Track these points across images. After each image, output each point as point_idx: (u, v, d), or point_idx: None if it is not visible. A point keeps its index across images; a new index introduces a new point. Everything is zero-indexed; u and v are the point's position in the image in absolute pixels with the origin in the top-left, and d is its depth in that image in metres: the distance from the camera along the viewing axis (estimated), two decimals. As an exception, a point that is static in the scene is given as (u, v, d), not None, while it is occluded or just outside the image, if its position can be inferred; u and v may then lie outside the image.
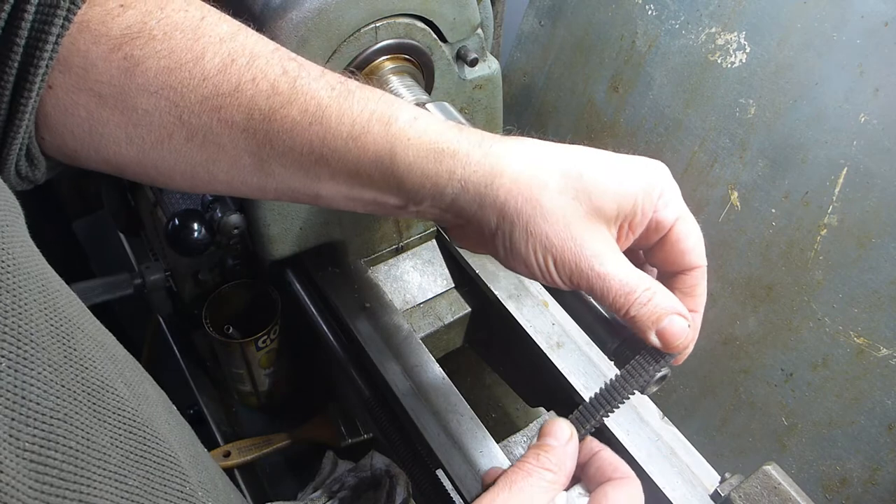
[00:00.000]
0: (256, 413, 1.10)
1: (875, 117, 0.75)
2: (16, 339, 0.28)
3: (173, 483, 0.36)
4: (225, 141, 0.46)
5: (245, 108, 0.45)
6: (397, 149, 0.45)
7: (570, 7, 1.07)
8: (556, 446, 0.45)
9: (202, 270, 0.99)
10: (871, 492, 0.78)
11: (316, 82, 0.46)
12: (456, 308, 0.91)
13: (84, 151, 0.47)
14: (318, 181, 0.47)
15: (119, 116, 0.45)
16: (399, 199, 0.48)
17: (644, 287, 0.45)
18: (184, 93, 0.44)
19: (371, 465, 0.90)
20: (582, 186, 0.45)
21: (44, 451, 0.27)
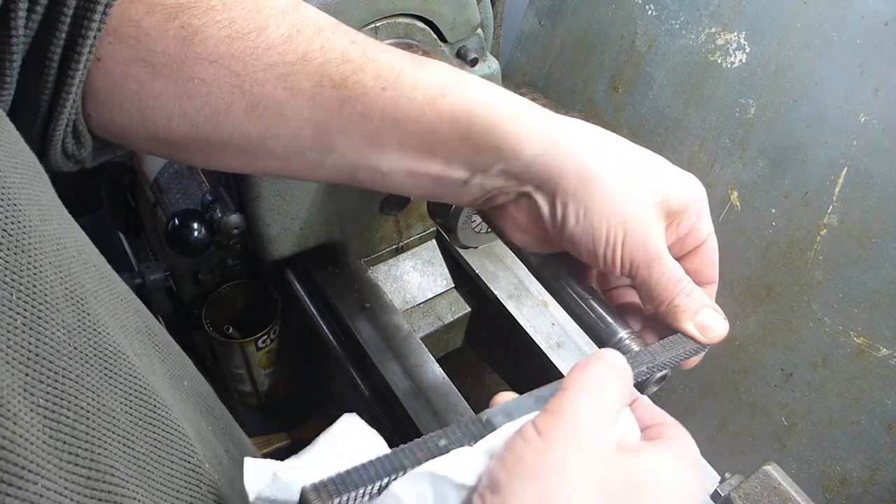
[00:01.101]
0: (256, 413, 1.10)
1: (875, 117, 0.75)
2: (31, 299, 0.28)
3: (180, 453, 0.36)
4: (289, 111, 0.45)
5: (315, 76, 0.44)
6: (476, 110, 0.45)
7: (570, 7, 1.07)
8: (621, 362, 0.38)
9: (202, 270, 0.99)
10: (871, 492, 0.78)
11: (385, 53, 0.45)
12: (456, 308, 0.91)
13: (132, 127, 0.46)
14: (383, 153, 0.46)
15: (173, 87, 0.44)
16: (465, 171, 0.47)
17: (688, 280, 0.47)
18: (247, 62, 0.43)
19: (371, 465, 0.90)
20: (656, 177, 0.46)
21: (57, 408, 0.27)
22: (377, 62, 0.44)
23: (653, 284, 0.46)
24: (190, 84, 0.44)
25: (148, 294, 1.00)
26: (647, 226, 0.45)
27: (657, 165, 0.47)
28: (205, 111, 0.44)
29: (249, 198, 0.79)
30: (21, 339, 0.27)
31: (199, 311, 0.96)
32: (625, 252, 0.45)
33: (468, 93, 0.45)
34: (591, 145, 0.46)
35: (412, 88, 0.44)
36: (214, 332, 0.95)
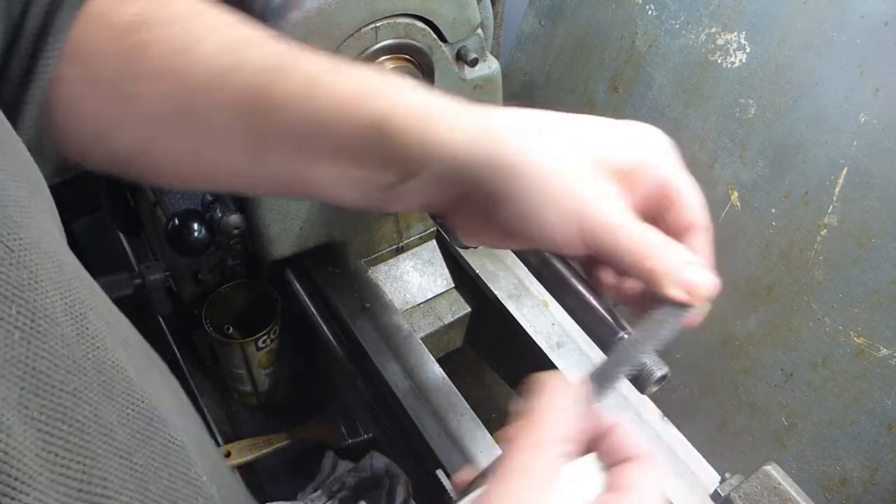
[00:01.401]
0: (256, 413, 1.10)
1: (875, 117, 0.75)
2: (31, 313, 0.29)
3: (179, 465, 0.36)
4: (219, 123, 0.46)
5: (241, 87, 0.45)
6: (398, 111, 0.44)
7: (570, 7, 1.07)
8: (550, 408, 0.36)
9: (202, 270, 1.00)
10: (871, 492, 0.78)
11: (311, 62, 0.46)
12: (456, 308, 0.91)
13: (90, 146, 0.47)
14: (312, 162, 0.46)
15: (123, 105, 0.45)
16: (395, 174, 0.45)
17: (662, 240, 0.43)
18: (182, 76, 0.44)
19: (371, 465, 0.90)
20: (595, 142, 0.44)
21: (51, 421, 0.28)
22: (301, 70, 0.45)
23: (622, 254, 0.43)
24: (139, 101, 0.45)
25: (148, 294, 1.00)
26: (598, 197, 0.43)
27: (595, 129, 0.45)
28: (149, 125, 0.46)
29: (249, 198, 0.79)
30: (18, 353, 0.27)
31: (199, 311, 0.96)
32: (581, 231, 0.43)
33: (387, 97, 0.44)
34: (518, 130, 0.44)
35: (330, 96, 0.44)
36: (214, 332, 0.95)
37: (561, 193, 0.42)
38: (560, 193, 0.42)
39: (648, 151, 0.44)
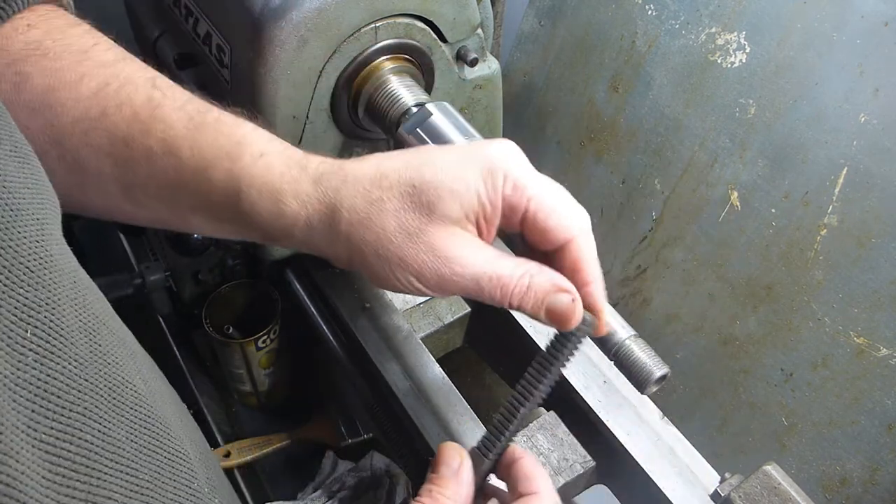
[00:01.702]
0: (256, 413, 1.10)
1: (875, 117, 0.75)
2: (45, 334, 0.29)
3: (182, 478, 0.37)
4: (92, 166, 0.46)
5: (109, 134, 0.45)
6: (242, 187, 0.45)
7: (570, 7, 1.07)
8: (448, 476, 0.45)
9: (202, 270, 1.00)
10: (871, 492, 0.78)
11: (175, 112, 0.46)
12: (456, 308, 0.91)
13: None
14: (182, 213, 0.47)
15: None
16: (258, 236, 0.47)
17: (518, 275, 0.43)
18: (59, 113, 0.44)
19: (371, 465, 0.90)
20: (419, 199, 0.43)
21: (59, 443, 0.28)
22: (163, 124, 0.45)
23: (480, 299, 0.44)
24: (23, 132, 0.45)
25: (148, 294, 1.00)
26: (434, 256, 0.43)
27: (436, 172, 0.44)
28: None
29: (249, 198, 0.79)
30: (30, 376, 0.28)
31: (199, 311, 0.96)
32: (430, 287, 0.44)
33: (235, 166, 0.45)
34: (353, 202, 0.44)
35: (189, 156, 0.45)
36: (214, 332, 0.95)
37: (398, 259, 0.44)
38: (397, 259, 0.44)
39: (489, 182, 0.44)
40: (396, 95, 0.69)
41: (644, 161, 0.98)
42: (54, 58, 0.44)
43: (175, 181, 0.45)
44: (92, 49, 0.46)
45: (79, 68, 0.45)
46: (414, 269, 0.44)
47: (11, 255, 0.28)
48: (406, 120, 0.66)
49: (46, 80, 0.44)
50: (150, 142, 0.45)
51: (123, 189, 0.47)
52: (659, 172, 0.97)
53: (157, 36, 0.86)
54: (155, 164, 0.45)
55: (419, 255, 0.43)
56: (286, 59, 0.66)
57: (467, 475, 0.45)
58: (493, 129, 0.86)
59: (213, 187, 0.45)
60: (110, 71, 0.46)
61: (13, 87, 0.44)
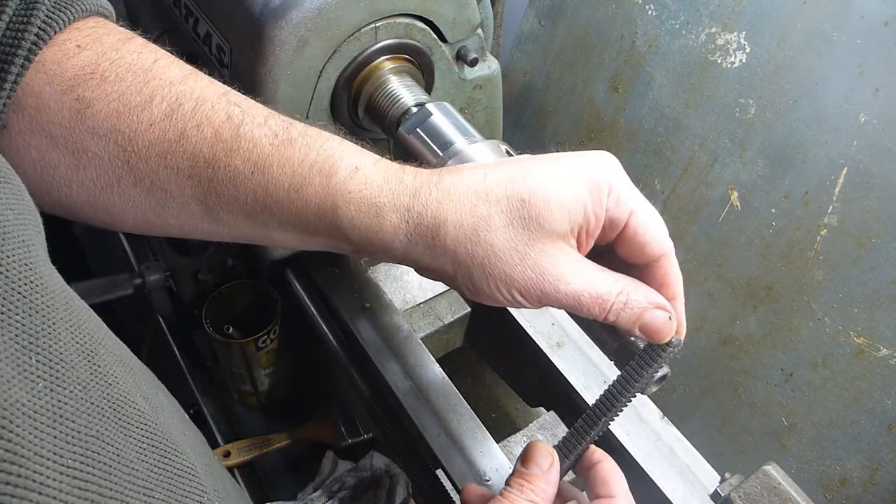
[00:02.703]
0: (256, 413, 1.10)
1: (875, 117, 0.75)
2: (48, 360, 0.29)
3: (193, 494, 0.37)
4: (172, 188, 0.45)
5: (189, 156, 0.44)
6: (338, 202, 0.44)
7: (570, 7, 1.07)
8: (539, 474, 0.45)
9: (202, 270, 1.00)
10: (871, 492, 0.78)
11: (259, 129, 0.45)
12: (456, 308, 0.91)
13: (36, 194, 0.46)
14: (268, 229, 0.47)
15: (69, 158, 0.44)
16: (353, 249, 0.47)
17: (617, 291, 0.45)
18: (132, 137, 0.44)
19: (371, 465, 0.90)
20: (528, 213, 0.44)
21: (84, 467, 0.28)
22: (248, 143, 0.44)
23: (580, 312, 0.45)
24: (84, 156, 0.44)
25: (148, 294, 1.00)
26: (537, 273, 0.44)
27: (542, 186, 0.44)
28: (99, 182, 0.45)
29: (249, 198, 0.79)
30: (45, 402, 0.27)
31: (199, 311, 0.96)
32: (531, 301, 0.45)
33: (331, 182, 0.44)
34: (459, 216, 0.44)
35: (279, 174, 0.44)
36: (214, 332, 0.95)
37: (504, 275, 0.44)
38: (503, 275, 0.44)
39: (595, 195, 0.44)
40: (396, 95, 0.69)
41: (644, 161, 0.98)
42: (115, 80, 0.43)
43: (263, 200, 0.45)
44: (154, 67, 0.45)
45: (145, 89, 0.44)
46: (519, 286, 0.44)
47: (3, 280, 0.28)
48: (406, 120, 0.66)
49: (111, 105, 0.43)
50: (236, 161, 0.44)
51: (205, 210, 0.46)
52: (659, 172, 0.97)
53: (157, 36, 0.86)
54: (241, 183, 0.45)
55: (526, 272, 0.44)
56: (286, 59, 0.66)
57: (555, 476, 0.46)
58: (493, 129, 0.86)
59: (307, 204, 0.45)
60: (180, 89, 0.45)
61: (75, 115, 0.43)
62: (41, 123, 0.43)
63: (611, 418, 0.48)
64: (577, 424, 0.48)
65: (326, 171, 0.45)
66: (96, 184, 0.45)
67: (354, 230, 0.45)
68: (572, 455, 0.48)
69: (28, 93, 0.42)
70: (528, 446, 0.47)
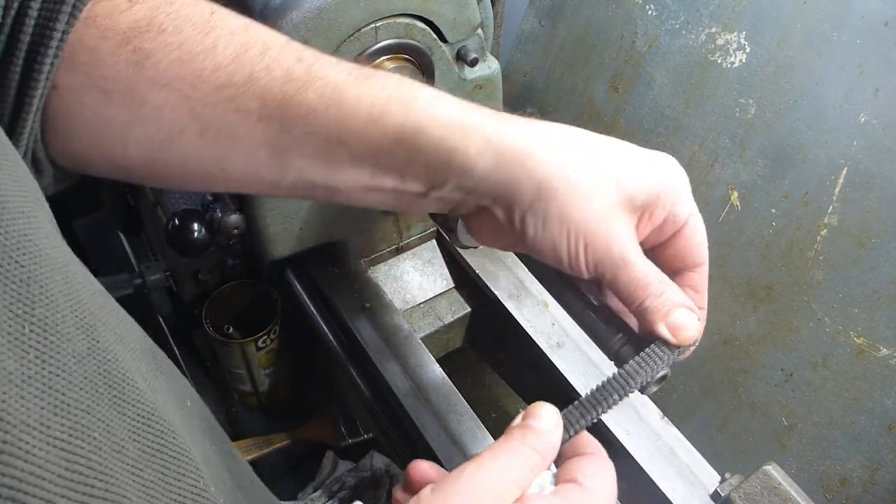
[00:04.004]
0: (256, 413, 1.10)
1: (875, 117, 0.75)
2: (42, 330, 0.28)
3: (188, 478, 0.36)
4: (240, 132, 0.44)
5: (260, 97, 0.43)
6: (421, 126, 0.44)
7: (570, 7, 1.07)
8: (544, 431, 0.42)
9: (202, 270, 1.00)
10: (871, 492, 0.78)
11: (331, 68, 0.45)
12: (456, 308, 0.91)
13: (90, 155, 0.46)
14: (338, 170, 0.46)
15: (126, 113, 0.43)
16: (421, 185, 0.46)
17: (658, 280, 0.45)
18: (196, 84, 0.43)
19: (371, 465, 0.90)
20: (617, 173, 0.45)
21: (72, 440, 0.27)
22: (321, 80, 0.44)
23: (621, 287, 0.45)
24: (142, 109, 0.43)
25: (148, 294, 1.00)
26: (610, 230, 0.44)
27: (620, 158, 0.46)
28: (158, 136, 0.44)
29: (249, 198, 0.79)
30: (34, 372, 0.27)
31: (199, 311, 0.96)
32: (588, 258, 0.45)
33: (412, 109, 0.44)
34: (546, 151, 0.44)
35: (356, 106, 0.44)
36: (214, 332, 0.95)
37: (581, 217, 0.44)
38: (580, 217, 0.44)
39: (667, 186, 0.46)
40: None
41: (644, 161, 0.98)
42: (174, 32, 0.43)
43: (338, 134, 0.44)
44: (212, 18, 0.44)
45: (206, 39, 0.43)
46: (590, 238, 0.44)
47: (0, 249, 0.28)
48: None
49: (172, 54, 0.42)
50: (310, 98, 0.43)
51: (274, 154, 0.45)
52: (659, 172, 0.97)
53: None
54: (316, 120, 0.44)
55: (601, 226, 0.44)
56: (286, 59, 0.66)
57: (558, 439, 0.42)
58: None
59: (386, 133, 0.44)
60: (243, 38, 0.44)
61: (133, 66, 0.42)
62: (95, 79, 0.42)
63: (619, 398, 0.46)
64: (585, 397, 0.46)
65: (406, 100, 0.44)
66: (155, 139, 0.44)
67: (436, 153, 0.44)
68: (572, 429, 0.45)
69: (80, 49, 0.41)
70: (533, 404, 0.44)
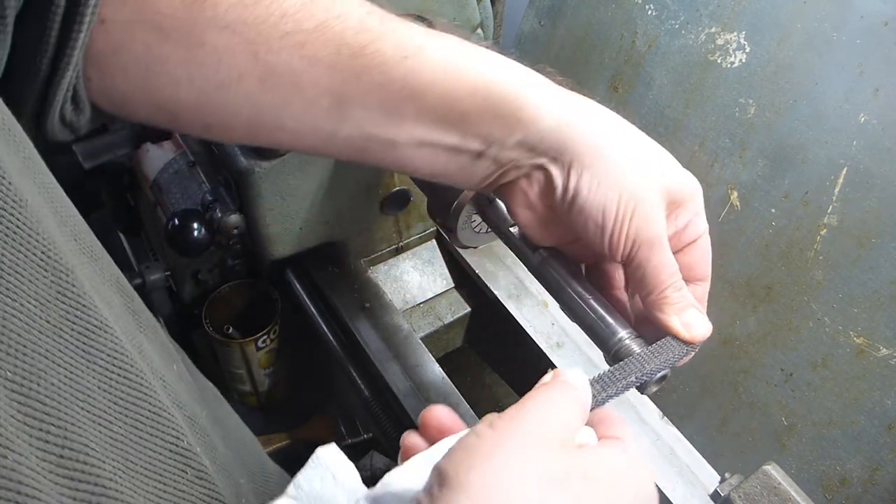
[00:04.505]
0: (256, 413, 1.10)
1: (875, 117, 0.75)
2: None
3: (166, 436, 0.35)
4: (305, 80, 0.43)
5: (333, 44, 0.43)
6: (495, 79, 0.45)
7: (570, 7, 1.07)
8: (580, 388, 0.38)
9: (202, 270, 1.00)
10: (871, 492, 0.78)
11: (401, 23, 0.45)
12: (456, 308, 0.91)
13: (136, 94, 0.44)
14: (400, 123, 0.45)
15: (182, 53, 0.42)
16: (481, 143, 0.46)
17: (680, 276, 0.47)
18: (261, 29, 0.42)
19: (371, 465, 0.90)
20: (661, 163, 0.47)
21: (27, 383, 0.27)
22: (395, 31, 0.44)
23: (650, 269, 0.46)
24: (200, 50, 0.42)
25: (148, 294, 1.00)
26: (654, 206, 0.45)
27: (662, 155, 0.48)
28: (215, 79, 0.43)
29: (249, 198, 0.79)
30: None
31: (199, 311, 0.96)
32: (631, 228, 0.45)
33: (488, 63, 0.45)
34: (605, 123, 0.47)
35: (433, 58, 0.44)
36: (214, 332, 0.95)
37: (633, 186, 0.45)
38: (632, 185, 0.45)
39: (696, 195, 0.48)
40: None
41: (644, 161, 0.98)
42: None
43: (412, 84, 0.44)
44: None
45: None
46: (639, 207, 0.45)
47: None
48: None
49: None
50: (386, 47, 0.43)
51: (336, 104, 0.45)
52: (659, 172, 0.96)
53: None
54: (390, 69, 0.43)
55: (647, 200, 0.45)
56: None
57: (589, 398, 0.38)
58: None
59: (461, 85, 0.44)
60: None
61: (189, 5, 0.41)
62: (148, 14, 0.41)
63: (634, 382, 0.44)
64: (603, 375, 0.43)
65: (477, 56, 0.45)
66: (211, 81, 0.43)
67: (508, 105, 0.45)
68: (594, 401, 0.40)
69: None
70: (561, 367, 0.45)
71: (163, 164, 1.00)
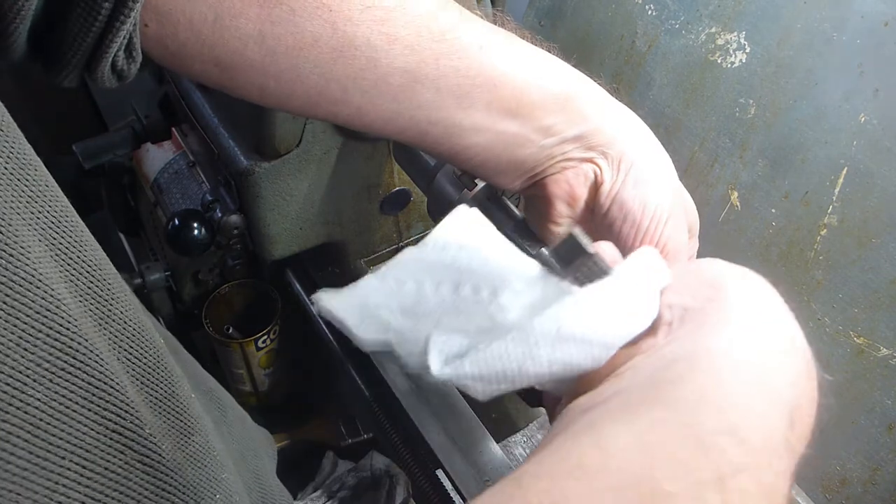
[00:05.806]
0: (256, 413, 1.10)
1: (875, 117, 0.75)
2: None
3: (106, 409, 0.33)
4: (382, 57, 0.43)
5: (413, 25, 0.43)
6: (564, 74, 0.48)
7: (570, 7, 1.07)
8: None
9: (202, 270, 1.00)
10: (871, 492, 0.78)
11: (474, 16, 0.46)
12: (456, 308, 0.91)
13: (195, 46, 0.42)
14: (468, 109, 0.46)
15: (257, 9, 0.41)
16: (542, 134, 0.47)
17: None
18: (340, 4, 0.41)
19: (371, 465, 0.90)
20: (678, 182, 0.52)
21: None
22: (472, 21, 0.45)
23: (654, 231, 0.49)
24: (277, 9, 0.41)
25: (148, 294, 1.00)
26: (681, 221, 0.48)
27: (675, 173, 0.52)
28: (287, 41, 0.42)
29: (249, 198, 0.79)
30: None
31: (199, 311, 0.96)
32: (664, 233, 0.47)
33: (550, 59, 0.49)
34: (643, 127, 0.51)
35: (508, 49, 0.46)
36: (214, 332, 0.95)
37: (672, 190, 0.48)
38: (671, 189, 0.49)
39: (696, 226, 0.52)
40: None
41: (644, 161, 0.98)
42: None
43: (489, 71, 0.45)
44: None
45: None
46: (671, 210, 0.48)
47: None
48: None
49: None
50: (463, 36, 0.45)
51: (407, 82, 0.45)
52: (659, 172, 0.97)
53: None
54: (468, 56, 0.45)
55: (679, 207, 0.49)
56: (286, 59, 0.66)
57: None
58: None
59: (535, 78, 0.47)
60: None
61: None
62: None
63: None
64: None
65: (543, 55, 0.48)
66: (281, 42, 0.42)
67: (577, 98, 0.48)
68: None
69: None
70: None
71: (163, 164, 1.00)
